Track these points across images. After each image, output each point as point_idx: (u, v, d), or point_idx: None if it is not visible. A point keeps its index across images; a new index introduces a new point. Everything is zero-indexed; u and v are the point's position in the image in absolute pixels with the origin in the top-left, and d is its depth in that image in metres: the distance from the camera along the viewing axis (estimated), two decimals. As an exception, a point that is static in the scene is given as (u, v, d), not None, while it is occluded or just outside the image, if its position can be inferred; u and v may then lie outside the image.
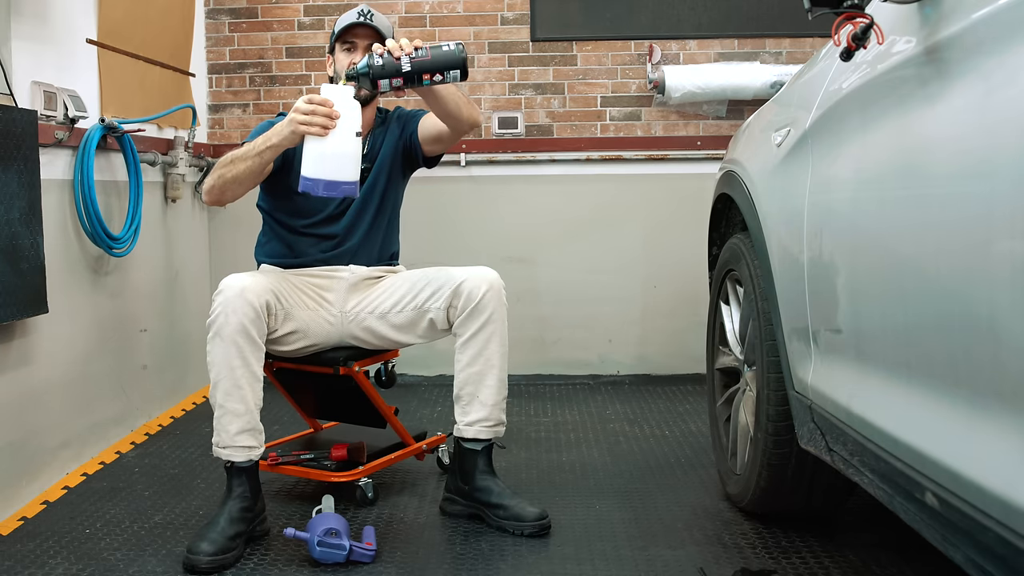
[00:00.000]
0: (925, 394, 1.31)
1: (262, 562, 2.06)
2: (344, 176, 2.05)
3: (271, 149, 2.13)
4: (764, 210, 2.06)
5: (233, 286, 2.09)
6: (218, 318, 2.08)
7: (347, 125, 2.04)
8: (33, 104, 2.53)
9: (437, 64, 2.07)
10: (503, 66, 3.92)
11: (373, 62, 2.06)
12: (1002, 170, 1.09)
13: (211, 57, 3.98)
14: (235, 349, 2.07)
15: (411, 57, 2.06)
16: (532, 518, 2.20)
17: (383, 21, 2.36)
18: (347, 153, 2.05)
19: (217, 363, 2.09)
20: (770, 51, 3.87)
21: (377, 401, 2.42)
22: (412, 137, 2.44)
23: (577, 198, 3.91)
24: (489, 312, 2.24)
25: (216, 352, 2.09)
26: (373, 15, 2.35)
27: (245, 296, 2.07)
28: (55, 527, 2.28)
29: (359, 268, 2.41)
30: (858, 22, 1.46)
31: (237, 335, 2.07)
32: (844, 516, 2.25)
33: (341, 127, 2.04)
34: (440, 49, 2.08)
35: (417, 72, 2.06)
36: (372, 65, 2.06)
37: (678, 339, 3.84)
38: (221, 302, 2.08)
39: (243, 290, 2.08)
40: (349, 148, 2.05)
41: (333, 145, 2.04)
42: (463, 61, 2.07)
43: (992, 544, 1.11)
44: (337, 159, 2.05)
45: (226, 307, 2.07)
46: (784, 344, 1.92)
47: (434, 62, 2.06)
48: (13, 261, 2.29)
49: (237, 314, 2.06)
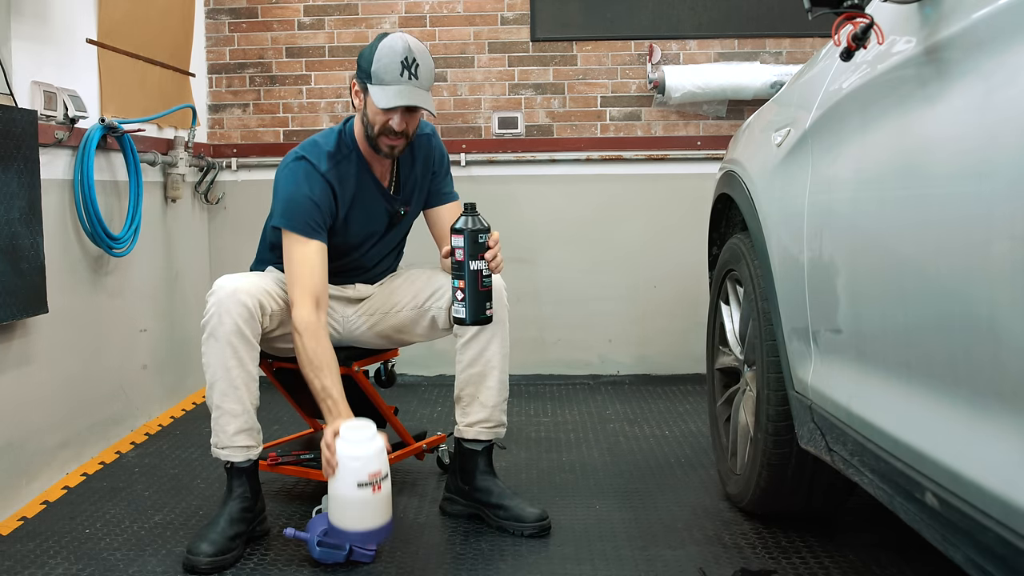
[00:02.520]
0: (925, 394, 1.31)
1: (262, 562, 2.06)
2: (359, 525, 1.95)
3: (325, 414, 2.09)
4: (764, 210, 2.06)
5: (225, 287, 2.09)
6: (212, 319, 2.08)
7: (350, 477, 1.93)
8: (33, 104, 2.53)
9: (484, 294, 2.06)
10: (503, 66, 3.92)
11: (483, 227, 2.04)
12: (1002, 170, 1.09)
13: (211, 57, 3.97)
14: (230, 350, 2.07)
15: (484, 276, 2.05)
16: (532, 519, 2.20)
17: (427, 74, 2.14)
18: (353, 502, 1.94)
19: (213, 364, 2.09)
20: (770, 51, 3.87)
21: (377, 401, 2.42)
22: (427, 200, 2.40)
23: (577, 198, 3.91)
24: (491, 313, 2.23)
25: (211, 353, 2.09)
26: (419, 73, 2.11)
27: (238, 296, 2.07)
28: (55, 527, 2.28)
29: (364, 287, 2.41)
30: (858, 22, 1.46)
31: (232, 335, 2.06)
32: (844, 516, 2.25)
33: (342, 477, 1.94)
34: (490, 296, 2.08)
35: (475, 282, 2.04)
36: (480, 223, 2.04)
37: (678, 339, 3.84)
38: (214, 303, 2.08)
39: (236, 291, 2.08)
40: (354, 497, 1.93)
41: (341, 492, 1.95)
42: (485, 320, 2.08)
43: (992, 544, 1.11)
44: (350, 507, 1.95)
45: (219, 308, 2.07)
46: (784, 344, 1.92)
47: (483, 293, 2.06)
48: (13, 261, 2.29)
49: (231, 314, 2.06)
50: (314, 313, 2.09)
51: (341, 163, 2.22)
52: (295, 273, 2.12)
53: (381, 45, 2.12)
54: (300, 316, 2.08)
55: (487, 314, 2.07)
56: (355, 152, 2.24)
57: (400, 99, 2.09)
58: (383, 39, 2.13)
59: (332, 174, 2.19)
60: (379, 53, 2.11)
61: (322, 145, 2.22)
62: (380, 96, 2.10)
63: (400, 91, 2.10)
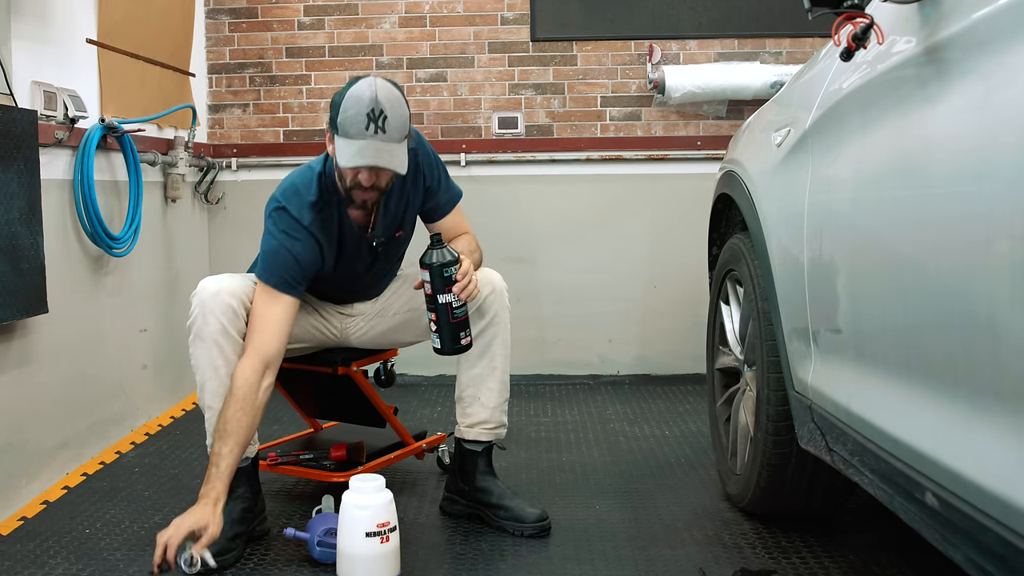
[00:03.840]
0: (925, 394, 1.31)
1: (262, 562, 2.06)
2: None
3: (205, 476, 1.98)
4: (764, 210, 2.06)
5: (208, 288, 2.09)
6: (196, 320, 2.08)
7: (358, 526, 1.90)
8: (33, 104, 2.53)
9: (455, 326, 2.07)
10: (503, 66, 3.92)
11: (446, 261, 2.03)
12: (1002, 170, 1.09)
13: (211, 57, 3.97)
14: (217, 349, 2.07)
15: (455, 308, 2.05)
16: (532, 519, 2.20)
17: (398, 126, 1.97)
18: (361, 553, 1.90)
19: (201, 365, 2.09)
20: (770, 51, 3.87)
21: (376, 401, 2.42)
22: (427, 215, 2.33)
23: (577, 198, 3.91)
24: (492, 314, 2.24)
25: (199, 354, 2.09)
26: (387, 127, 1.94)
27: (221, 297, 2.07)
28: (55, 527, 2.28)
29: (362, 305, 2.39)
30: (858, 22, 1.46)
31: (218, 335, 2.06)
32: (844, 516, 2.25)
33: (350, 526, 1.91)
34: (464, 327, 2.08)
35: (446, 315, 2.05)
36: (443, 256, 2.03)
37: (678, 339, 3.84)
38: (197, 304, 2.08)
39: (219, 291, 2.08)
40: (362, 547, 1.90)
41: (348, 542, 1.91)
42: (461, 349, 2.10)
43: (992, 544, 1.11)
44: (358, 560, 1.91)
45: (203, 308, 2.07)
46: (784, 344, 1.92)
47: (455, 325, 2.06)
48: (13, 261, 2.29)
49: (215, 314, 2.06)
50: (257, 376, 2.01)
51: (323, 211, 2.12)
52: (256, 327, 2.06)
53: (348, 94, 1.96)
54: (242, 372, 2.01)
55: (463, 343, 2.09)
56: (335, 196, 2.13)
57: (361, 158, 1.95)
58: (353, 85, 1.98)
59: (316, 226, 2.10)
60: (345, 103, 1.95)
61: (303, 194, 2.11)
62: (344, 151, 1.96)
63: (363, 148, 1.94)
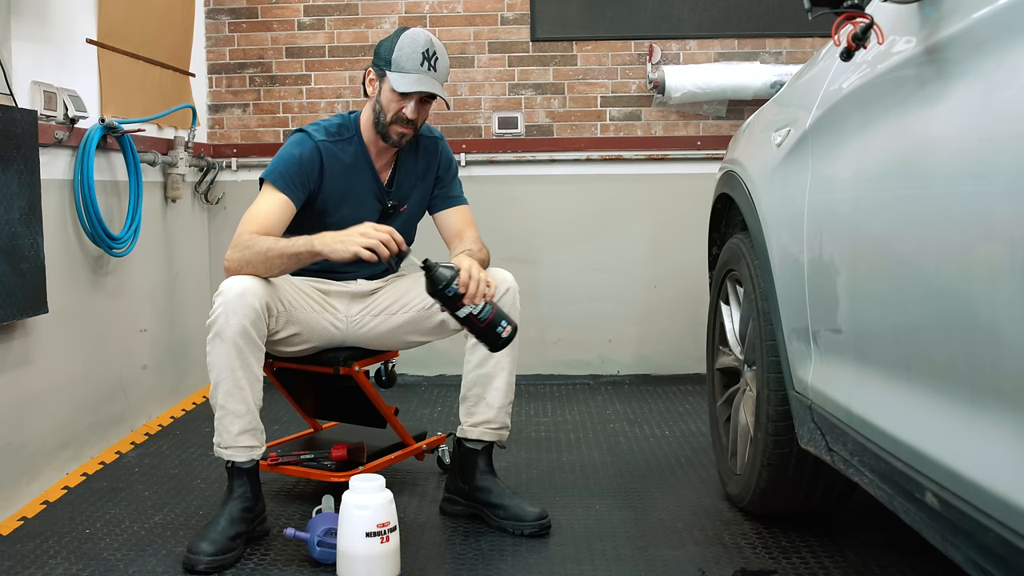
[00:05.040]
0: (925, 394, 1.31)
1: (262, 562, 2.06)
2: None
3: (311, 255, 2.08)
4: (764, 210, 2.06)
5: (233, 288, 2.08)
6: (218, 319, 2.07)
7: (358, 526, 1.89)
8: (33, 104, 2.53)
9: (488, 327, 2.02)
10: (503, 66, 3.92)
11: (444, 282, 1.98)
12: (1002, 170, 1.09)
13: (211, 57, 3.98)
14: (235, 350, 2.07)
15: (477, 315, 2.01)
16: (532, 518, 2.20)
17: (444, 69, 2.25)
18: (361, 553, 1.89)
19: (218, 364, 2.09)
20: (770, 51, 3.87)
21: (377, 401, 2.41)
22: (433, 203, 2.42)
23: (577, 198, 3.91)
24: None
25: (217, 353, 2.09)
26: (438, 66, 2.22)
27: (246, 298, 2.07)
28: (55, 527, 2.28)
29: (366, 282, 2.41)
30: (858, 22, 1.46)
31: (238, 336, 2.06)
32: (844, 516, 2.26)
33: (349, 526, 1.90)
34: (498, 321, 2.02)
35: (473, 324, 2.02)
36: (438, 279, 1.99)
37: (678, 339, 3.84)
38: (221, 303, 2.08)
39: (244, 292, 2.07)
40: (362, 547, 1.88)
41: (348, 542, 1.90)
42: (506, 341, 2.04)
43: (992, 544, 1.11)
44: (358, 559, 1.90)
45: (227, 308, 2.07)
46: (784, 344, 1.92)
47: (486, 328, 2.02)
48: (13, 261, 2.29)
49: (238, 315, 2.06)
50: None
51: (339, 143, 2.30)
52: (251, 216, 2.17)
53: (404, 36, 2.23)
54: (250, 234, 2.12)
55: (504, 336, 2.05)
56: (357, 137, 2.32)
57: (419, 85, 2.19)
58: (405, 31, 2.25)
59: (324, 146, 2.27)
60: (401, 42, 2.22)
61: (324, 125, 2.33)
62: (399, 81, 2.19)
63: (419, 79, 2.20)
